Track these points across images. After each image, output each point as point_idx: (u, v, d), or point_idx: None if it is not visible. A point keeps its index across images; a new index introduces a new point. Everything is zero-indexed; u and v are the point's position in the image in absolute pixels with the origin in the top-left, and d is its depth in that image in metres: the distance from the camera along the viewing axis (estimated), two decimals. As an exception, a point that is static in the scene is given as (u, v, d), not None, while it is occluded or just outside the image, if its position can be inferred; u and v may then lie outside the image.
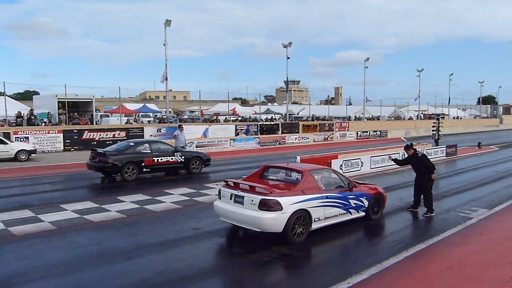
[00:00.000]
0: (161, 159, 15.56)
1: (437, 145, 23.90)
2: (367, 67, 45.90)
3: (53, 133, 23.34)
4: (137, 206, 10.83)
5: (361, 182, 10.21)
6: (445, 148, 22.93)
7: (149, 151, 15.44)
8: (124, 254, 7.35)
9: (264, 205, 7.54)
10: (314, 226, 8.16)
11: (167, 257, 7.34)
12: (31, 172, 17.13)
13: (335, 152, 18.85)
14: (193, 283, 6.16)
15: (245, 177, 9.71)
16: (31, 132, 22.66)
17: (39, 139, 22.76)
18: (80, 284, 6.19)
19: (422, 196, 10.49)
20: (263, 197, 7.61)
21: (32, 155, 20.34)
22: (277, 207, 7.53)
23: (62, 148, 23.56)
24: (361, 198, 9.23)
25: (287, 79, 39.72)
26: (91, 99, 28.36)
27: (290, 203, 7.67)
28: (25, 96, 53.89)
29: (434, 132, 25.18)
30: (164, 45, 29.22)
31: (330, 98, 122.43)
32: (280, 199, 7.61)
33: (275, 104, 74.96)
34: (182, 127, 19.18)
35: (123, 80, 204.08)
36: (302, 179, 8.34)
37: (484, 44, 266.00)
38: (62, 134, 23.57)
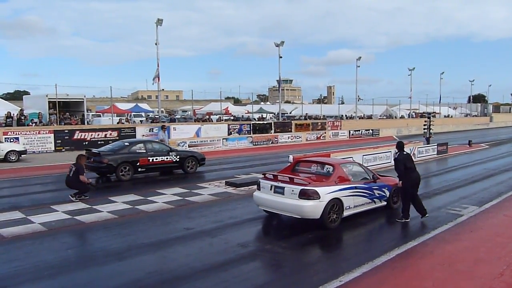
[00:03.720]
0: (156, 159, 15.49)
1: (428, 144, 24.10)
2: (359, 66, 46.41)
3: (43, 133, 23.13)
4: (129, 206, 10.77)
5: (382, 174, 10.79)
6: (436, 146, 23.11)
7: (144, 151, 15.39)
8: (116, 255, 7.31)
9: (304, 194, 8.32)
10: (345, 213, 8.92)
11: (159, 257, 7.32)
12: (22, 173, 16.97)
13: (327, 151, 18.89)
14: (185, 283, 6.14)
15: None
16: (21, 133, 22.43)
17: (29, 139, 22.53)
18: (72, 286, 6.16)
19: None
20: (302, 187, 8.39)
21: (22, 155, 20.14)
22: (315, 196, 8.30)
23: (53, 149, 23.34)
24: (383, 189, 10.01)
25: (280, 78, 39.76)
26: (82, 99, 28.10)
27: (326, 193, 8.47)
28: (15, 96, 53.31)
29: (426, 130, 25.41)
30: (156, 44, 29.12)
31: (322, 97, 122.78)
32: (318, 189, 8.40)
33: (268, 103, 74.96)
34: (165, 127, 18.81)
35: (114, 80, 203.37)
36: (334, 171, 9.13)
37: (473, 43, 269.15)
38: (53, 134, 23.36)
